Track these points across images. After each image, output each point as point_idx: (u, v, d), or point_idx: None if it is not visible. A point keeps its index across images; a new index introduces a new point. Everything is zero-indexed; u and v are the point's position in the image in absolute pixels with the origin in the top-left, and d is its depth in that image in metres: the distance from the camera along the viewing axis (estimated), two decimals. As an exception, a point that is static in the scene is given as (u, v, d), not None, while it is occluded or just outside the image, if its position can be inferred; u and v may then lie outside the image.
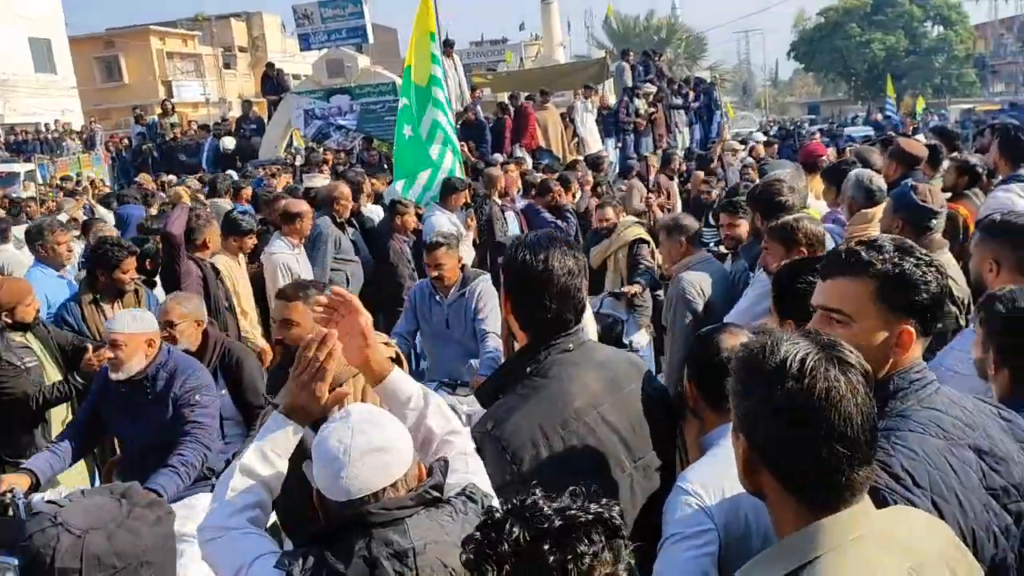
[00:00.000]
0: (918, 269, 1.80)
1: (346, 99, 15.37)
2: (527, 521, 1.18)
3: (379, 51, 31.67)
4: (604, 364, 2.24)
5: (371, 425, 1.82)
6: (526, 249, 2.16)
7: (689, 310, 4.33)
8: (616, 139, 15.11)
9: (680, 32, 50.12)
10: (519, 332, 2.25)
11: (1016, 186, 5.17)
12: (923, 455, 1.68)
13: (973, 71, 49.74)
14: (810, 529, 1.34)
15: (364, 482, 1.77)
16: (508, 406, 2.12)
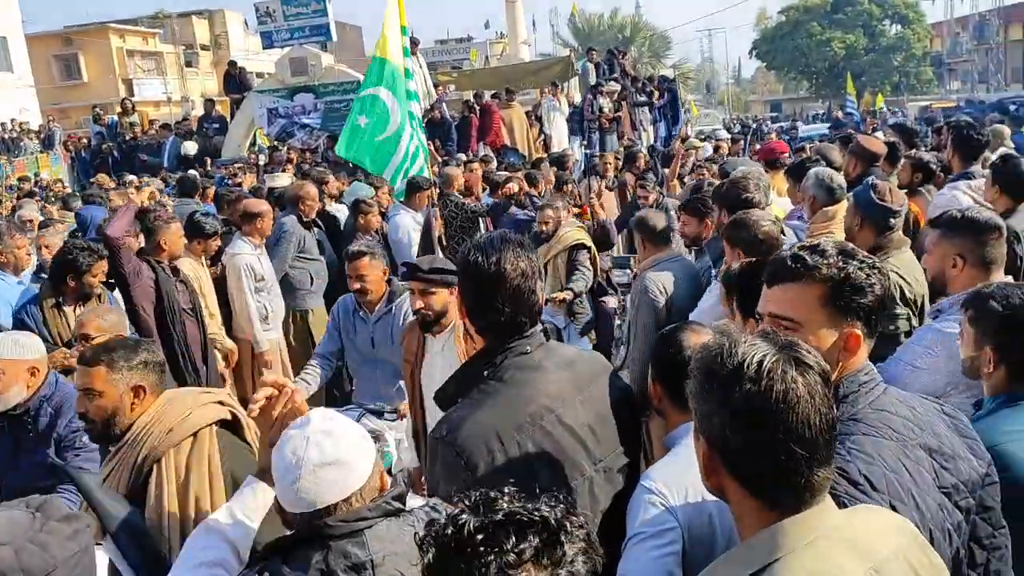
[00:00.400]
0: (862, 272, 1.81)
1: (310, 97, 15.27)
2: (478, 512, 1.18)
3: (343, 49, 31.45)
4: (563, 366, 2.21)
5: (327, 436, 1.80)
6: (478, 251, 2.13)
7: (651, 309, 4.33)
8: (582, 137, 15.15)
9: (644, 30, 50.27)
10: (475, 335, 2.23)
11: (963, 183, 5.26)
12: (879, 459, 1.69)
13: (930, 69, 50.53)
14: (771, 531, 1.34)
15: (317, 495, 1.76)
16: (463, 411, 2.09)
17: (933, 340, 2.66)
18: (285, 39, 16.06)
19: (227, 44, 44.00)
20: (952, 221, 2.88)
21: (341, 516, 1.77)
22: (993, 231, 2.79)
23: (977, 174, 5.38)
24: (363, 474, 1.82)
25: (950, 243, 2.85)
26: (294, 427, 1.85)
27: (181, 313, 5.14)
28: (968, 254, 2.80)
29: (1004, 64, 42.62)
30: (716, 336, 1.45)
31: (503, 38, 31.94)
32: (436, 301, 3.63)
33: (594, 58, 17.20)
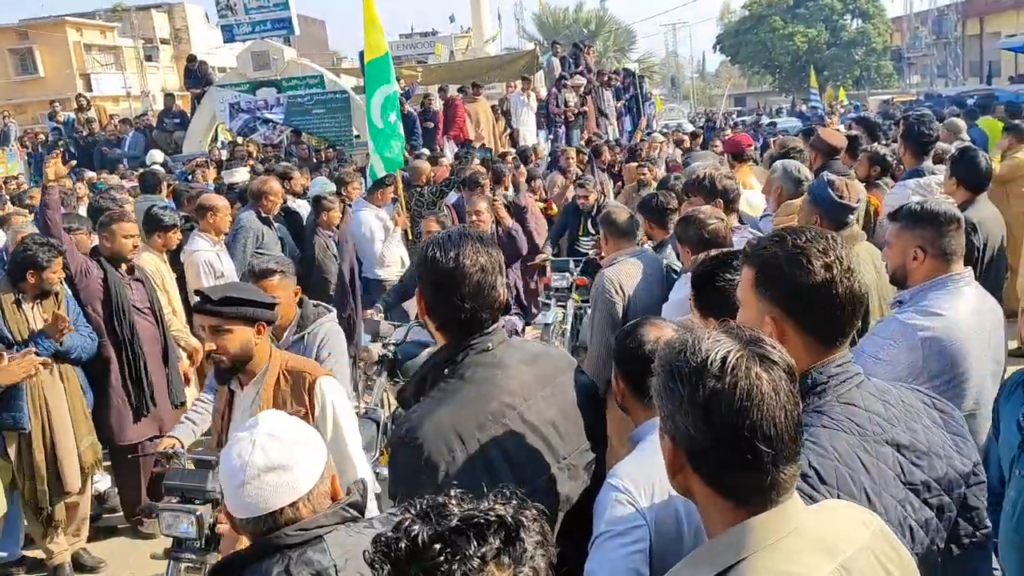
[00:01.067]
0: (783, 257, 1.79)
1: (273, 92, 15.10)
2: (430, 520, 1.15)
3: (306, 43, 31.17)
4: (526, 362, 2.18)
5: (273, 441, 1.78)
6: (436, 247, 2.10)
7: (607, 307, 4.33)
8: (548, 131, 15.15)
9: (609, 25, 50.41)
10: (436, 333, 2.20)
11: (912, 182, 5.32)
12: (832, 452, 1.67)
13: (890, 63, 51.23)
14: (737, 530, 1.33)
15: (262, 500, 1.74)
16: (423, 410, 2.05)
17: (895, 331, 2.67)
18: (247, 33, 15.86)
19: (188, 38, 43.41)
20: (912, 214, 2.91)
21: (300, 525, 1.74)
22: (952, 223, 2.83)
23: (927, 171, 5.45)
24: (311, 478, 1.80)
25: (911, 235, 2.87)
26: (242, 430, 1.82)
27: (131, 313, 5.04)
28: (928, 246, 2.82)
29: (962, 58, 43.30)
30: (679, 332, 1.44)
31: (468, 32, 31.83)
32: (232, 342, 2.95)
33: (559, 52, 17.20)
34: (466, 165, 10.18)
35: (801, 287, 1.76)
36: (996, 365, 2.81)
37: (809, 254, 1.77)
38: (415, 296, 2.24)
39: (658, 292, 4.46)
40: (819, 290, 1.75)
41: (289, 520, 1.76)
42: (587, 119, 15.38)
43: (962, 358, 2.62)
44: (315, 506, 1.79)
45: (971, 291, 2.80)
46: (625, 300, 4.34)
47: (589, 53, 17.62)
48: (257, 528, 1.76)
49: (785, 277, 1.78)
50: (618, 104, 17.36)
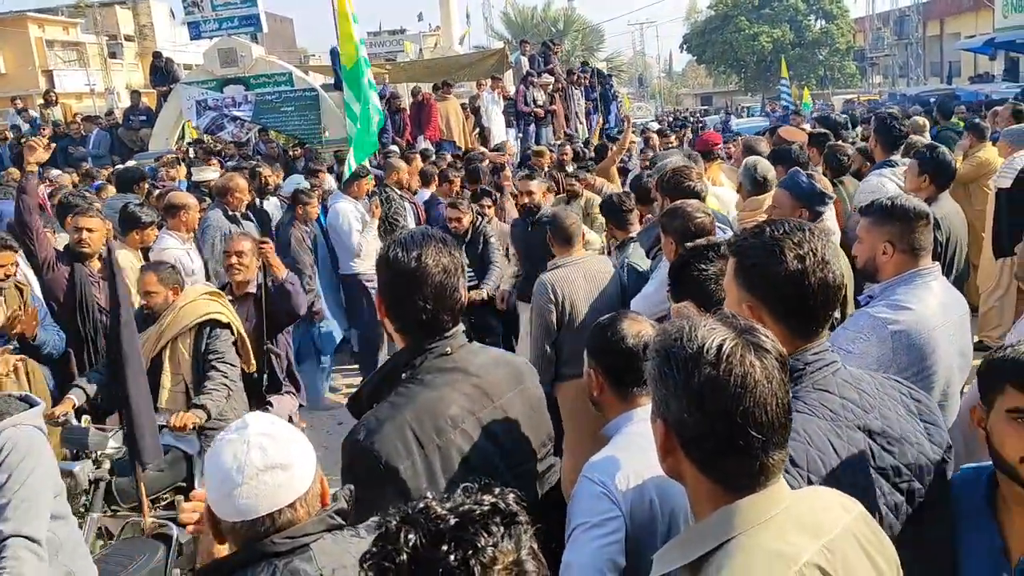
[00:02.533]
0: (760, 248, 1.86)
1: (240, 89, 14.92)
2: (421, 525, 1.13)
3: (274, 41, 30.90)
4: (486, 367, 2.16)
5: (270, 439, 1.72)
6: (399, 247, 2.07)
7: (542, 313, 4.38)
8: (517, 129, 15.16)
9: (577, 24, 50.54)
10: (395, 335, 2.16)
11: (887, 170, 5.45)
12: (804, 436, 1.73)
13: (854, 63, 51.96)
14: (726, 511, 1.36)
15: (260, 501, 1.68)
16: (381, 415, 2.01)
17: (865, 325, 2.73)
18: (213, 30, 15.67)
19: (152, 35, 42.74)
20: (882, 209, 2.97)
21: (287, 532, 1.69)
22: (921, 218, 2.89)
23: (899, 162, 5.58)
24: (307, 478, 1.75)
25: (880, 230, 2.93)
26: (230, 432, 1.75)
27: (96, 311, 4.99)
28: (897, 241, 2.88)
29: (923, 59, 43.98)
30: (676, 319, 1.47)
31: (437, 31, 31.75)
32: None
33: (527, 51, 17.22)
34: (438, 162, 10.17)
35: (775, 277, 1.83)
36: (962, 358, 2.88)
37: (783, 246, 1.83)
38: (375, 297, 2.20)
39: (611, 292, 4.50)
40: (791, 280, 1.81)
41: (287, 522, 1.71)
42: (556, 117, 15.40)
43: (930, 351, 2.68)
44: (310, 508, 1.75)
45: (939, 285, 2.86)
46: (561, 306, 4.38)
47: (557, 52, 17.64)
48: (250, 532, 1.70)
49: (759, 267, 1.85)
50: (587, 103, 17.41)
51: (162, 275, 4.46)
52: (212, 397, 4.27)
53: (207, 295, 4.59)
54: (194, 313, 4.44)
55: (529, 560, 1.14)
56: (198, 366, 4.39)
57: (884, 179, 5.29)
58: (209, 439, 4.09)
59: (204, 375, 4.34)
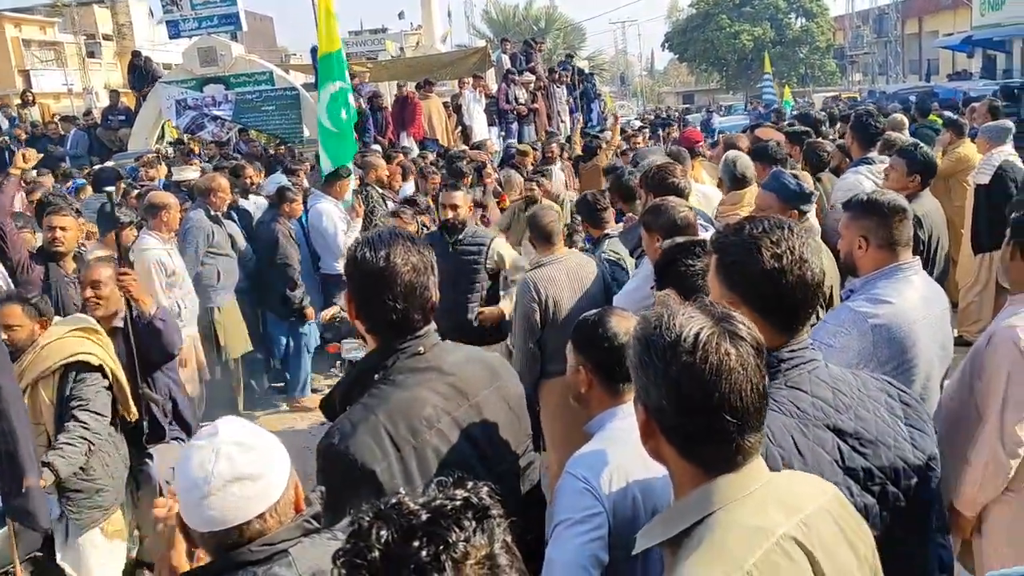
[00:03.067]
0: (742, 246, 1.88)
1: (220, 89, 14.84)
2: (393, 521, 1.12)
3: (254, 40, 30.73)
4: (460, 365, 2.14)
5: (239, 448, 1.66)
6: (366, 246, 2.05)
7: (526, 312, 4.38)
8: (500, 128, 15.15)
9: (559, 22, 50.62)
10: (367, 335, 2.14)
11: (864, 168, 5.50)
12: (767, 432, 1.70)
13: (834, 61, 52.25)
14: (705, 488, 1.42)
15: (227, 513, 1.63)
16: (354, 417, 1.99)
17: (846, 319, 2.74)
18: (192, 28, 15.56)
19: (131, 34, 42.39)
20: (858, 204, 3.00)
21: (264, 539, 1.66)
22: (897, 213, 2.90)
23: (876, 159, 5.63)
24: (279, 487, 1.71)
25: (856, 225, 2.96)
26: (200, 438, 1.70)
27: (72, 312, 4.92)
28: (872, 235, 2.91)
29: (902, 57, 44.30)
30: (656, 307, 1.49)
31: (418, 30, 31.68)
32: None
33: (509, 49, 17.21)
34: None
35: (752, 275, 1.85)
36: (943, 351, 2.90)
37: (761, 244, 1.85)
38: (344, 298, 2.18)
39: (594, 289, 4.51)
40: (769, 278, 1.84)
41: (256, 533, 1.66)
42: (539, 116, 15.41)
43: (911, 345, 2.70)
44: (281, 517, 1.70)
45: (919, 279, 2.88)
46: (543, 303, 4.38)
47: (539, 50, 17.65)
48: (221, 542, 1.66)
49: (738, 264, 1.87)
50: (569, 100, 17.42)
51: (27, 307, 3.88)
52: (64, 453, 3.66)
53: (78, 331, 3.98)
54: (59, 353, 3.84)
55: (502, 554, 1.13)
56: (62, 415, 3.81)
57: (861, 176, 5.33)
58: (73, 501, 3.77)
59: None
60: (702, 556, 1.35)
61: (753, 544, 1.35)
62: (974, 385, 2.82)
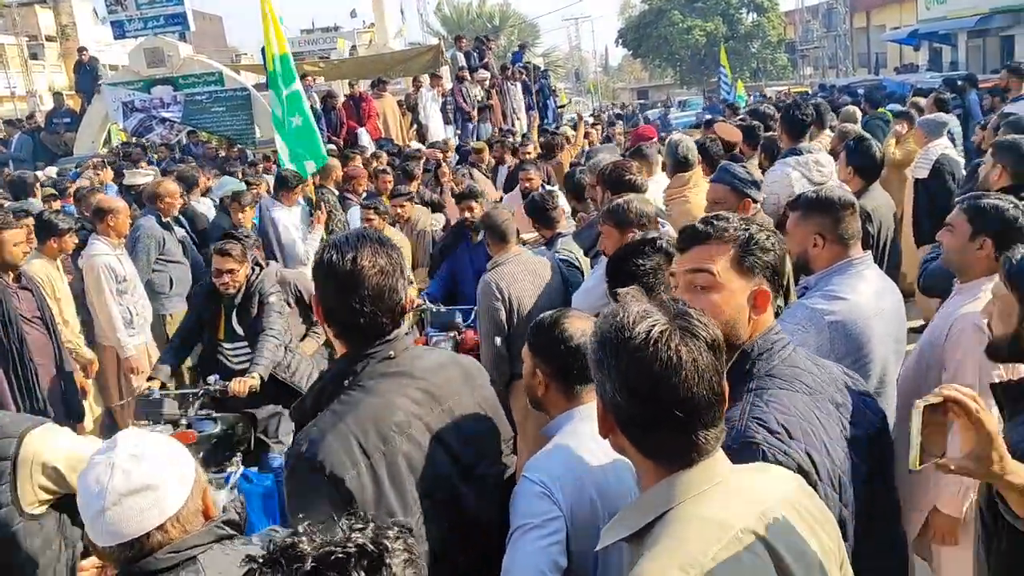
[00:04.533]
0: (763, 233, 1.96)
1: (169, 90, 14.60)
2: (280, 566, 1.08)
3: (204, 40, 30.29)
4: (432, 370, 2.11)
5: (135, 461, 1.67)
6: (333, 249, 2.01)
7: (490, 311, 4.36)
8: (455, 126, 15.11)
9: (513, 19, 50.64)
10: (335, 340, 2.10)
11: (792, 159, 5.53)
12: (795, 410, 1.81)
13: (785, 56, 53.03)
14: (664, 484, 1.45)
15: (124, 526, 1.64)
16: (323, 424, 1.95)
17: (803, 317, 2.75)
18: (138, 29, 15.31)
19: (75, 35, 41.49)
20: (809, 201, 3.01)
21: (172, 547, 1.65)
22: (847, 207, 2.93)
23: (804, 149, 5.68)
24: (179, 497, 1.70)
25: (810, 223, 2.96)
26: (99, 453, 1.71)
27: (19, 323, 4.77)
28: (827, 232, 2.92)
29: (851, 50, 45.07)
30: (615, 304, 1.51)
31: (371, 28, 31.45)
32: None
33: (463, 47, 17.15)
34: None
35: (778, 257, 1.99)
36: (897, 344, 2.92)
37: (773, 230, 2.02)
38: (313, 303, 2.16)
39: (555, 286, 4.50)
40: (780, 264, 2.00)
41: (157, 544, 1.66)
42: (493, 113, 15.38)
43: (866, 339, 2.72)
44: (185, 526, 1.70)
45: (871, 274, 2.90)
46: (507, 302, 4.35)
47: (492, 48, 17.63)
48: (123, 555, 1.66)
49: (767, 248, 1.96)
50: (525, 98, 17.42)
51: None
52: None
53: None
54: None
55: None
56: None
57: (788, 168, 5.38)
58: None
59: None
60: (661, 550, 1.37)
61: (712, 538, 1.37)
62: (930, 377, 2.83)
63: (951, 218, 3.02)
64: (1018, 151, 4.34)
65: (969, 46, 30.55)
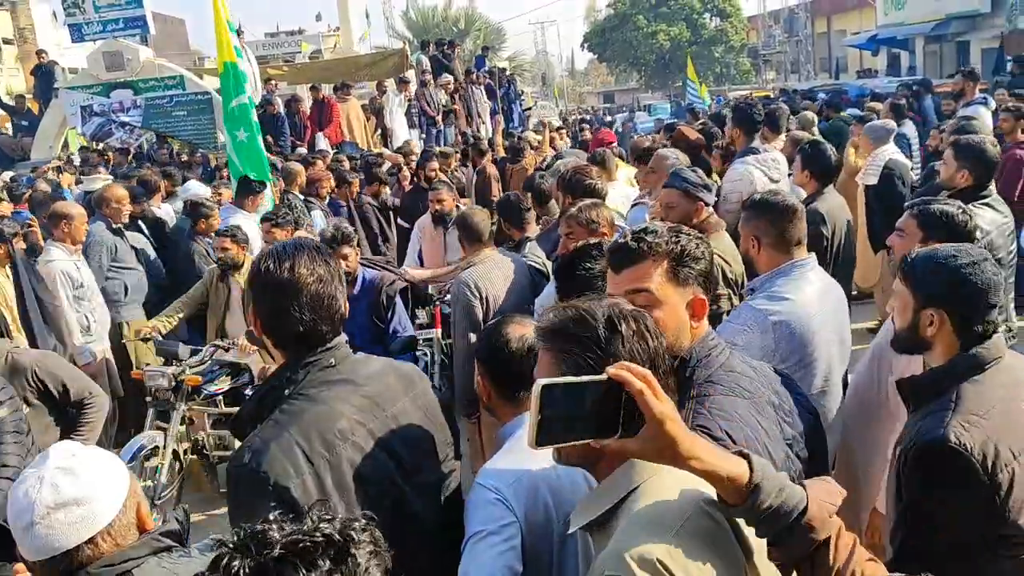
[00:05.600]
0: (692, 242, 1.99)
1: (128, 94, 14.41)
2: (250, 552, 1.09)
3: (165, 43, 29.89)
4: (374, 377, 2.10)
5: (64, 474, 1.66)
6: (269, 258, 2.00)
7: (467, 311, 4.35)
8: (420, 130, 15.09)
9: (478, 23, 50.57)
10: (273, 351, 2.08)
11: (751, 158, 5.60)
12: (736, 415, 1.84)
13: (748, 60, 53.59)
14: (627, 466, 1.48)
15: (53, 540, 1.63)
16: (266, 434, 1.93)
17: (748, 318, 2.80)
18: (97, 32, 15.07)
19: (34, 37, 40.77)
20: (752, 205, 3.07)
21: (105, 560, 1.64)
22: (789, 211, 2.97)
23: (761, 148, 5.75)
24: (110, 510, 1.69)
25: (751, 225, 3.02)
26: (32, 466, 1.71)
27: None
28: (764, 235, 2.97)
29: (813, 55, 45.67)
30: (562, 310, 1.58)
31: (336, 31, 31.26)
32: None
33: (429, 51, 17.14)
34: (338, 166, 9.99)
35: (708, 264, 2.03)
36: (842, 345, 2.98)
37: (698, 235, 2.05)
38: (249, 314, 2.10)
39: (524, 285, 4.52)
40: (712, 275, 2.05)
41: (87, 558, 1.65)
42: (458, 117, 15.38)
43: (810, 339, 2.77)
44: (117, 540, 1.68)
45: (815, 275, 2.96)
46: (485, 302, 4.36)
47: (457, 52, 17.63)
48: (53, 570, 1.65)
49: (698, 258, 2.01)
50: (490, 102, 17.44)
51: None
52: None
53: None
54: None
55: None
56: None
57: (748, 166, 5.44)
58: None
59: None
60: (634, 528, 1.41)
61: (679, 510, 1.42)
62: (882, 378, 2.87)
63: (902, 223, 3.08)
64: (977, 153, 4.37)
65: (926, 51, 31.10)
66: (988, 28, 26.65)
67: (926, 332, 2.18)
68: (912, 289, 2.20)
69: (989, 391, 2.09)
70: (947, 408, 2.06)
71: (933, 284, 2.15)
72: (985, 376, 2.12)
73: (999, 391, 2.10)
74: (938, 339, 2.18)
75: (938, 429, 2.01)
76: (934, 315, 2.15)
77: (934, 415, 2.07)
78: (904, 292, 2.23)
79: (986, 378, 2.11)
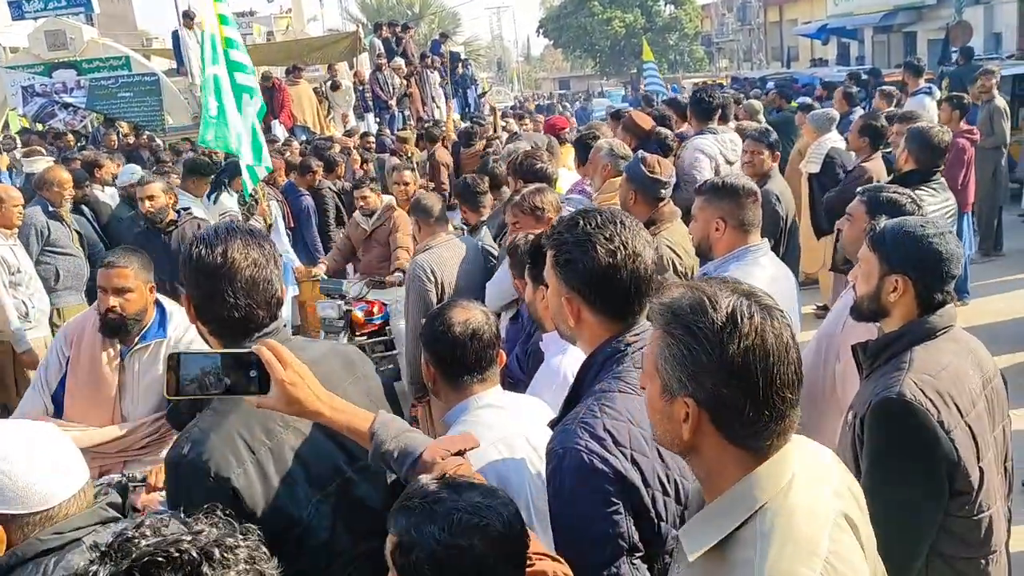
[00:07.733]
0: (578, 241, 1.88)
1: (72, 74, 14.00)
2: (110, 559, 1.06)
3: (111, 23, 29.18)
4: (315, 361, 2.03)
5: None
6: (201, 244, 1.94)
7: (420, 294, 4.34)
8: (374, 114, 14.94)
9: (433, 7, 50.19)
10: (209, 338, 2.03)
11: (710, 137, 5.69)
12: (627, 414, 1.77)
13: (701, 48, 54.07)
14: (748, 481, 1.36)
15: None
16: (205, 424, 1.89)
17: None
18: (38, 10, 14.63)
19: (-28, 15, 39.54)
20: (714, 187, 3.07)
21: (55, 528, 1.62)
22: (751, 195, 3.00)
23: (717, 129, 5.84)
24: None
25: (713, 208, 3.03)
26: None
27: None
28: (729, 217, 2.99)
29: (765, 44, 46.18)
30: (686, 291, 1.39)
31: (288, 13, 30.81)
32: None
33: (383, 34, 16.96)
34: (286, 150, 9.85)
35: (587, 272, 1.86)
36: (791, 329, 3.00)
37: (595, 240, 1.86)
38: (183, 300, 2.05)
39: (479, 275, 4.50)
40: (604, 274, 1.85)
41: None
42: (412, 101, 15.26)
43: (760, 325, 2.78)
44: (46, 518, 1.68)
45: (767, 261, 2.99)
46: (439, 286, 4.35)
47: (411, 36, 17.46)
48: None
49: (573, 262, 1.87)
50: (444, 86, 17.34)
51: None
52: None
53: None
54: None
55: None
56: None
57: (707, 141, 5.52)
58: None
59: None
60: (779, 550, 1.30)
61: (819, 528, 1.33)
62: (828, 366, 2.91)
63: (851, 208, 3.12)
64: (923, 139, 4.55)
65: (875, 41, 31.69)
66: (935, 19, 27.26)
67: (888, 298, 2.30)
68: (880, 255, 2.30)
69: (940, 355, 2.23)
70: (900, 368, 2.19)
71: (901, 251, 2.27)
72: (936, 342, 2.26)
73: (949, 356, 2.24)
74: (898, 306, 2.30)
75: (893, 387, 2.14)
76: (899, 280, 2.27)
77: (888, 375, 2.20)
78: (871, 257, 2.34)
79: (937, 343, 2.26)
